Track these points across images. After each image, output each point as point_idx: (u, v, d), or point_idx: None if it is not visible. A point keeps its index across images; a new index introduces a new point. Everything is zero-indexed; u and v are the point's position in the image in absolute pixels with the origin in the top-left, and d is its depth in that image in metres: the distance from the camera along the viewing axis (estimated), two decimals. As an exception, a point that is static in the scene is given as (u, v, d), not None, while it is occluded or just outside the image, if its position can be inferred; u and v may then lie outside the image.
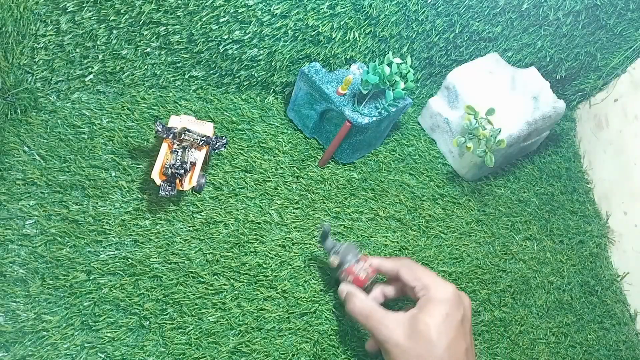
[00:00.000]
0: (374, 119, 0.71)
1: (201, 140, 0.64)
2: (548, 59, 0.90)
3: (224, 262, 0.64)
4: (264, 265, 0.66)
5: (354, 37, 0.76)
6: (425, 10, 0.78)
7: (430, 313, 0.53)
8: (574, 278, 0.83)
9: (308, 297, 0.65)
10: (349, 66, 0.77)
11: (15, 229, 0.59)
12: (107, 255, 0.61)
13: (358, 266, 0.61)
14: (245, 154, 0.72)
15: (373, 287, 0.62)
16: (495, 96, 0.80)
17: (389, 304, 0.63)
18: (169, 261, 0.62)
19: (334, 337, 0.64)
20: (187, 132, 0.63)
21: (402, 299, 0.64)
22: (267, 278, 0.65)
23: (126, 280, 0.60)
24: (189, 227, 0.65)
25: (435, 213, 0.78)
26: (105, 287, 0.59)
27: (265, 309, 0.63)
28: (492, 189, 0.85)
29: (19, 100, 0.64)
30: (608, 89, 0.94)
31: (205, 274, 0.63)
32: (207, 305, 0.62)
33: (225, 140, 0.65)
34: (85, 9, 0.65)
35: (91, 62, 0.69)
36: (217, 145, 0.64)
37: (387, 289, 0.62)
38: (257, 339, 0.62)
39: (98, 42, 0.68)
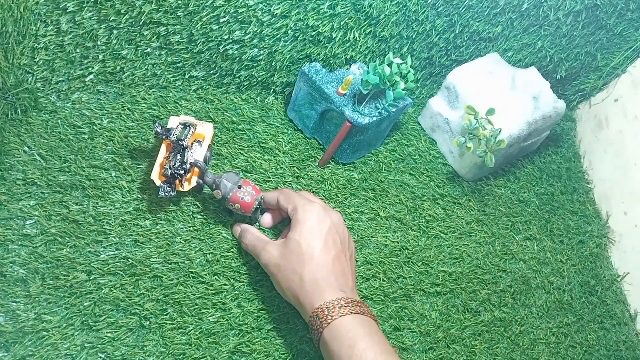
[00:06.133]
0: (374, 119, 0.71)
1: (179, 141, 0.62)
2: (548, 59, 0.90)
3: (225, 262, 0.64)
4: (264, 265, 0.66)
5: (354, 37, 0.76)
6: (425, 10, 0.78)
7: (298, 231, 0.59)
8: (574, 278, 0.83)
9: (308, 297, 0.65)
10: (349, 66, 0.77)
11: (15, 229, 0.59)
12: (107, 255, 0.61)
13: (241, 192, 0.63)
14: (245, 154, 0.72)
15: (262, 206, 0.66)
16: (495, 96, 0.80)
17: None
18: (169, 261, 0.62)
19: (334, 337, 0.64)
20: (180, 127, 0.63)
21: None
22: (268, 278, 0.65)
23: (126, 280, 0.60)
24: (189, 227, 0.65)
25: (435, 213, 0.78)
26: (105, 287, 0.59)
27: (265, 309, 0.63)
28: (492, 189, 0.85)
29: (19, 100, 0.64)
30: (608, 89, 0.95)
31: (206, 274, 0.63)
32: (207, 305, 0.62)
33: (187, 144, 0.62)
34: (86, 9, 0.65)
35: (91, 62, 0.69)
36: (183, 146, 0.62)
37: (274, 215, 0.68)
38: (257, 339, 0.62)
39: (98, 42, 0.68)
